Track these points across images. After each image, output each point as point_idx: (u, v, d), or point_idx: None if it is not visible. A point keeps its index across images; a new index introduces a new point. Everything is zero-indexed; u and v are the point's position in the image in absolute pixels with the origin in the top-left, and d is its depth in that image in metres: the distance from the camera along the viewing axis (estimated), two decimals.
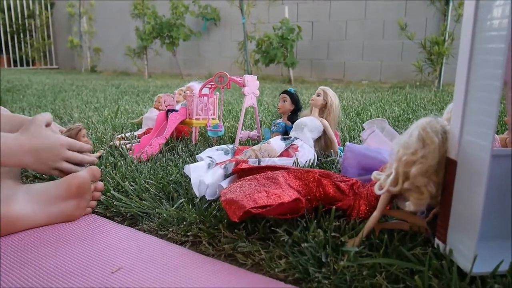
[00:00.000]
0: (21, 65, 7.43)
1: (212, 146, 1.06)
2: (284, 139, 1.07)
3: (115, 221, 0.82)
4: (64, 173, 0.83)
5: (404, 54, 3.83)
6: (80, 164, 0.86)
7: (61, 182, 0.79)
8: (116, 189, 0.93)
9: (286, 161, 1.00)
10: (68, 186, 0.79)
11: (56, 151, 0.80)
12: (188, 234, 0.73)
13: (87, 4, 6.46)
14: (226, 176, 0.86)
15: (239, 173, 0.87)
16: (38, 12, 7.41)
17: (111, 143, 1.30)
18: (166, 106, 1.55)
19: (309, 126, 1.10)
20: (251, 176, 0.80)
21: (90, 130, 1.55)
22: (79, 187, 0.79)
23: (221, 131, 1.31)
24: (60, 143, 0.81)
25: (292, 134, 1.11)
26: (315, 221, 0.71)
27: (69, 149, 0.83)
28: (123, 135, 1.44)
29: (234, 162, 0.89)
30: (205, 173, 0.87)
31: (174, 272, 0.62)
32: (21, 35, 7.42)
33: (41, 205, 0.77)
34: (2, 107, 0.96)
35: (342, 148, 1.16)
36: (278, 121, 1.25)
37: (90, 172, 0.82)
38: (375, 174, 0.65)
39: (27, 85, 3.58)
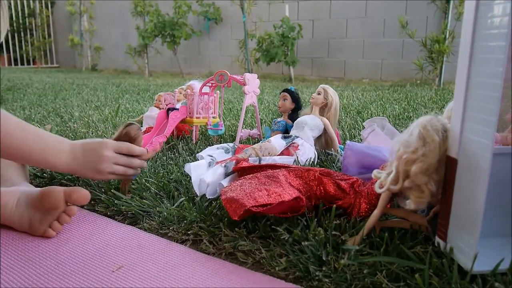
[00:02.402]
0: (22, 63, 7.43)
1: (213, 145, 1.06)
2: (285, 137, 1.07)
3: (115, 220, 0.82)
4: (122, 176, 0.82)
5: (404, 52, 3.82)
6: (130, 167, 0.83)
7: (41, 190, 0.76)
8: (117, 188, 0.93)
9: (287, 160, 1.00)
10: (40, 195, 0.74)
11: (99, 152, 0.78)
12: (189, 232, 0.73)
13: (87, 2, 6.45)
14: (226, 175, 0.86)
15: (240, 171, 0.87)
16: (38, 10, 7.41)
17: None
18: (166, 105, 1.55)
19: (309, 124, 1.10)
20: (251, 175, 0.80)
21: (91, 129, 1.55)
22: (45, 198, 0.73)
23: (221, 129, 1.31)
24: (104, 144, 0.79)
25: (292, 132, 1.11)
26: (316, 219, 0.71)
27: (116, 151, 0.80)
28: None
29: (234, 161, 0.89)
30: (206, 171, 0.87)
31: (174, 270, 0.62)
32: (22, 33, 7.42)
33: (24, 204, 0.75)
34: None
35: (342, 146, 1.16)
36: (279, 119, 1.25)
37: (67, 191, 0.74)
38: (375, 173, 0.65)
39: (27, 84, 3.58)
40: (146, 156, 0.86)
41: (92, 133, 1.47)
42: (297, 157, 1.01)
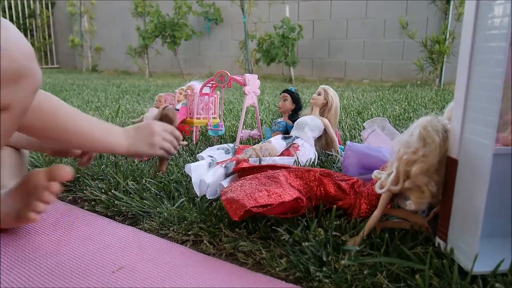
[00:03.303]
0: None
1: (213, 145, 1.06)
2: (285, 138, 1.07)
3: (116, 221, 0.82)
4: (167, 152, 0.86)
5: (405, 53, 3.82)
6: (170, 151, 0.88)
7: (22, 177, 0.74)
8: (117, 189, 0.93)
9: (287, 160, 1.00)
10: (22, 181, 0.72)
11: (151, 128, 0.84)
12: (189, 233, 0.73)
13: (88, 3, 6.45)
14: (226, 175, 0.86)
15: (240, 172, 0.87)
16: (39, 11, 7.41)
17: None
18: None
19: (310, 125, 1.10)
20: (251, 175, 0.80)
21: None
22: (26, 181, 0.71)
23: (221, 130, 1.31)
24: (153, 122, 0.86)
25: (293, 133, 1.11)
26: (316, 220, 0.71)
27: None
28: None
29: (234, 161, 0.89)
30: (206, 172, 0.87)
31: (175, 271, 0.62)
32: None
33: (7, 199, 0.72)
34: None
35: (342, 147, 1.16)
36: (279, 120, 1.25)
37: (47, 168, 0.70)
38: (375, 173, 0.65)
39: None
40: (181, 141, 0.91)
41: None
42: (297, 157, 1.01)
